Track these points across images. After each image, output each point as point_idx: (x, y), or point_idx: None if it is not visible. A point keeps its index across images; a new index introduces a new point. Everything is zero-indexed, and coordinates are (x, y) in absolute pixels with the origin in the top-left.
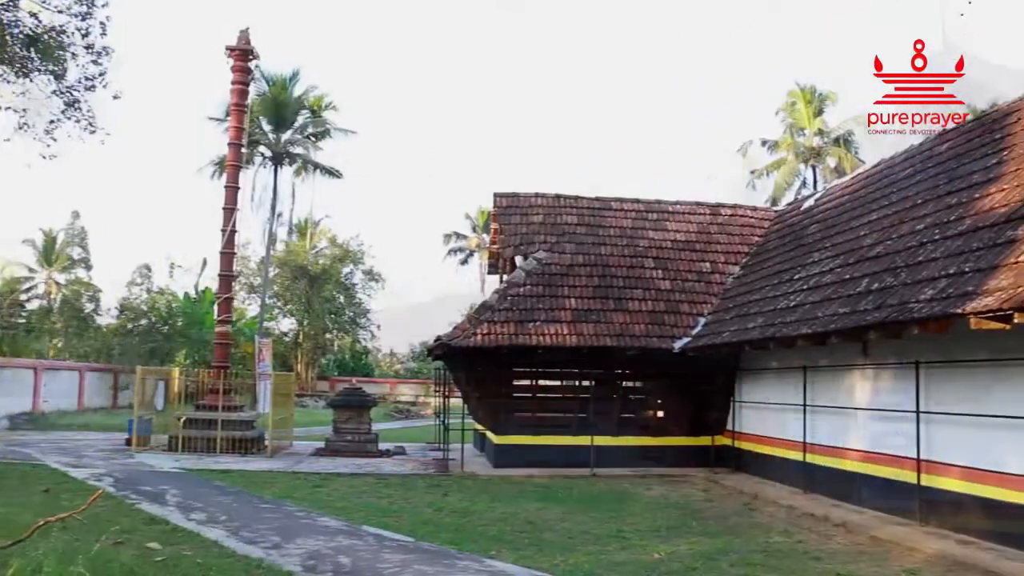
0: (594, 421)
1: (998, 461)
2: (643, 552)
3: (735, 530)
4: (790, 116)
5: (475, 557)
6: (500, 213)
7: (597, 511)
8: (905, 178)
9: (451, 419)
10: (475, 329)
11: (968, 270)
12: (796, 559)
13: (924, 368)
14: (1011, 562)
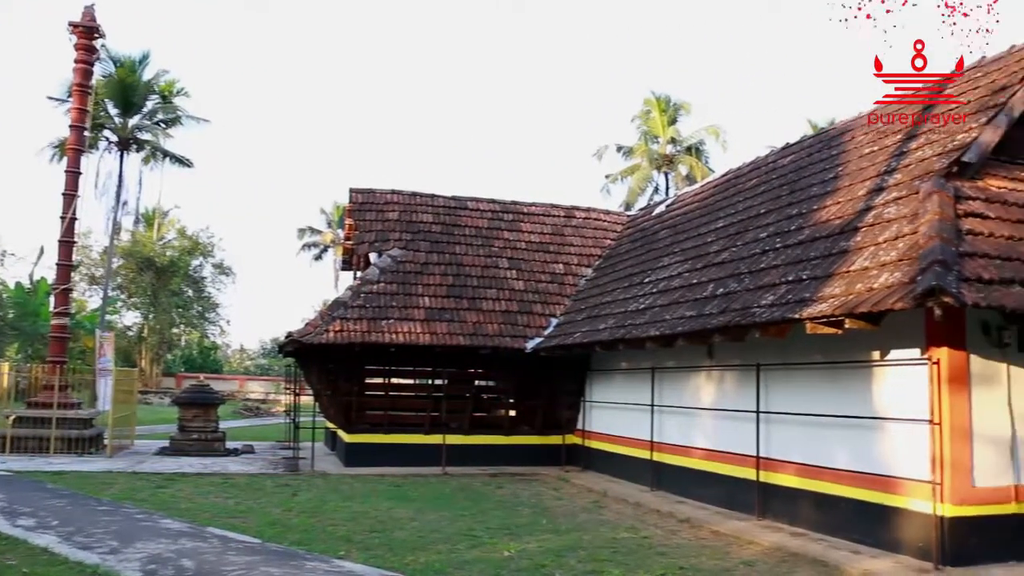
0: (447, 420)
1: (829, 458)
2: (493, 550)
3: (584, 527)
4: (645, 124)
5: (324, 558)
6: (355, 209)
7: (448, 510)
8: (751, 188)
9: (302, 417)
10: (327, 326)
11: (806, 277)
12: (642, 554)
13: (765, 370)
14: (838, 551)
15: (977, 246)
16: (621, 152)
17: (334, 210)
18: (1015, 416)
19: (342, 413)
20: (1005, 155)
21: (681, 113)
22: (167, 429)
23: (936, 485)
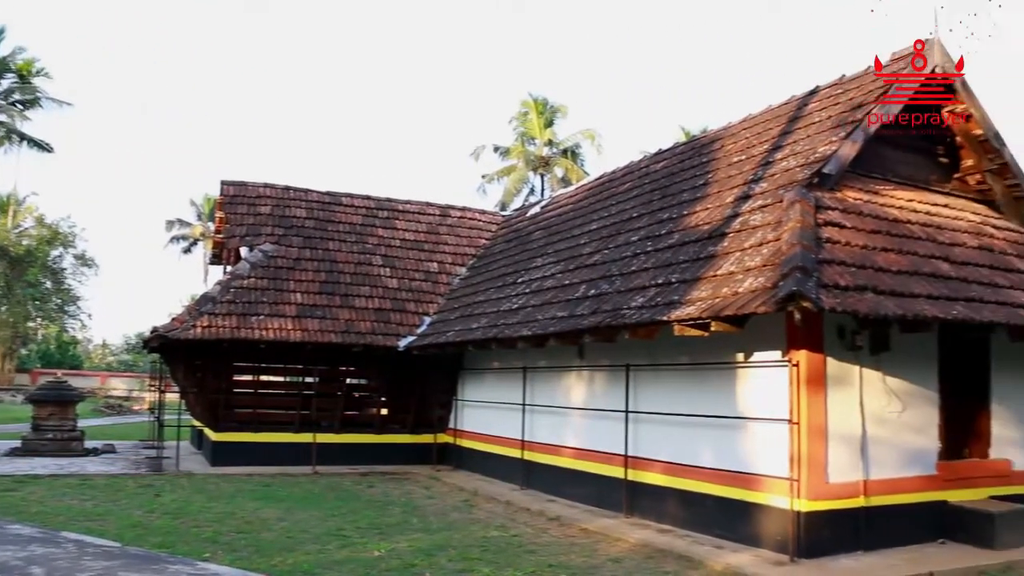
0: (317, 418)
1: (695, 456)
2: (363, 550)
3: (455, 526)
4: (523, 125)
5: (188, 561)
6: (226, 201)
7: (318, 509)
8: (624, 192)
9: (167, 415)
10: (195, 321)
11: (674, 281)
12: (512, 552)
13: (634, 371)
14: (702, 546)
15: (835, 254)
16: (498, 152)
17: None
18: (866, 415)
19: (209, 411)
20: (861, 168)
21: (558, 116)
22: (20, 428)
23: (794, 482)
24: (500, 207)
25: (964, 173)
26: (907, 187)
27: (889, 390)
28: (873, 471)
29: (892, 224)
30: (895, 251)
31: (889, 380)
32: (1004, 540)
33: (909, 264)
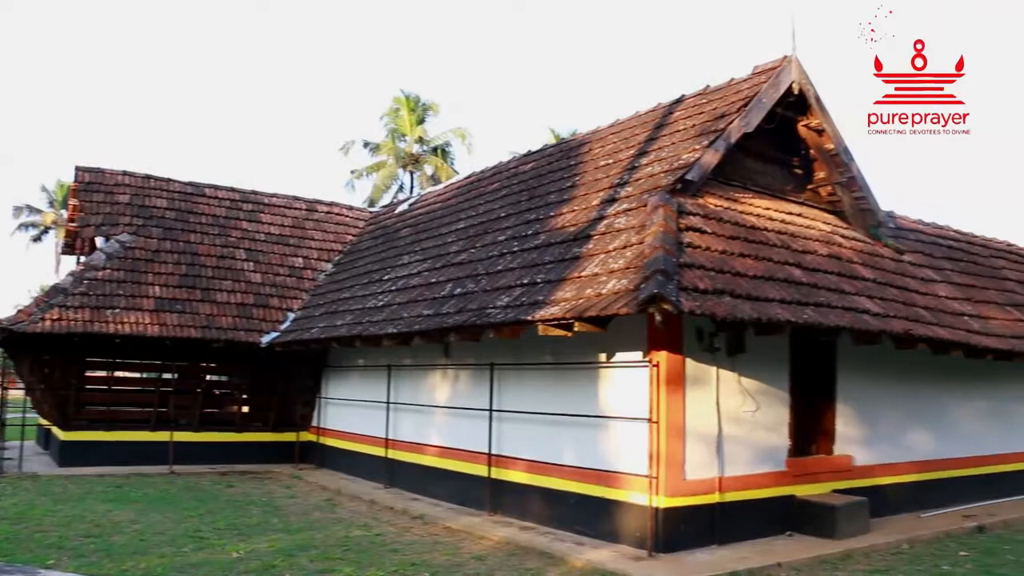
0: (175, 416)
1: (558, 455)
2: (221, 552)
3: (316, 525)
4: (394, 121)
5: (29, 569)
6: (81, 188)
7: (174, 510)
8: (492, 192)
9: (10, 413)
10: (43, 313)
11: (540, 281)
12: (374, 551)
13: (499, 369)
14: (563, 543)
15: (695, 258)
16: (368, 148)
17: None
18: (722, 415)
19: (58, 409)
20: (722, 176)
21: (430, 114)
22: None
23: (652, 479)
24: (369, 203)
25: (817, 184)
26: (765, 196)
27: (744, 390)
28: (728, 468)
29: (750, 231)
30: (752, 257)
31: (744, 380)
32: (844, 531)
33: (765, 270)
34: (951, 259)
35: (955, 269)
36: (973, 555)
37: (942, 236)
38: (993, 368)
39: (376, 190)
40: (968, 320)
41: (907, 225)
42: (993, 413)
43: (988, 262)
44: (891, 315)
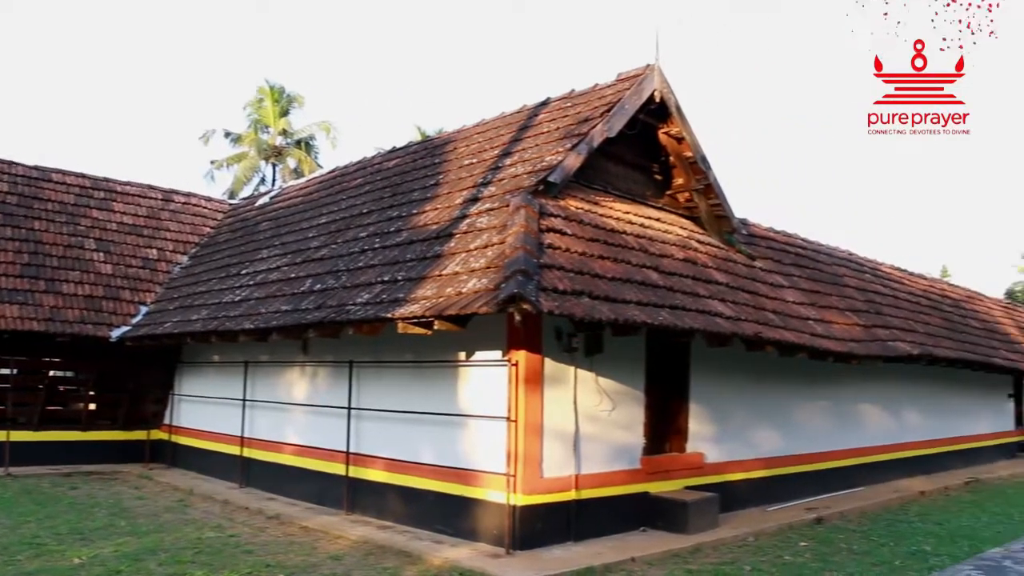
0: (13, 414)
1: (417, 453)
2: (61, 558)
3: (166, 528)
4: (257, 112)
5: None
6: None
7: (8, 516)
8: (356, 187)
9: None
10: None
11: (401, 279)
12: (228, 553)
13: (358, 367)
14: (421, 542)
15: (556, 259)
16: (229, 138)
17: None
18: (579, 413)
19: None
20: (584, 179)
21: (294, 105)
22: None
23: (510, 477)
24: (229, 195)
25: (675, 191)
26: (625, 200)
27: (601, 390)
28: (584, 466)
29: (609, 234)
30: (611, 259)
31: (601, 380)
32: (695, 525)
33: (623, 272)
34: (798, 266)
35: (802, 276)
36: (812, 545)
37: (791, 244)
38: (833, 369)
39: (237, 182)
40: (812, 324)
41: (759, 232)
42: (833, 412)
43: (831, 269)
44: (742, 318)
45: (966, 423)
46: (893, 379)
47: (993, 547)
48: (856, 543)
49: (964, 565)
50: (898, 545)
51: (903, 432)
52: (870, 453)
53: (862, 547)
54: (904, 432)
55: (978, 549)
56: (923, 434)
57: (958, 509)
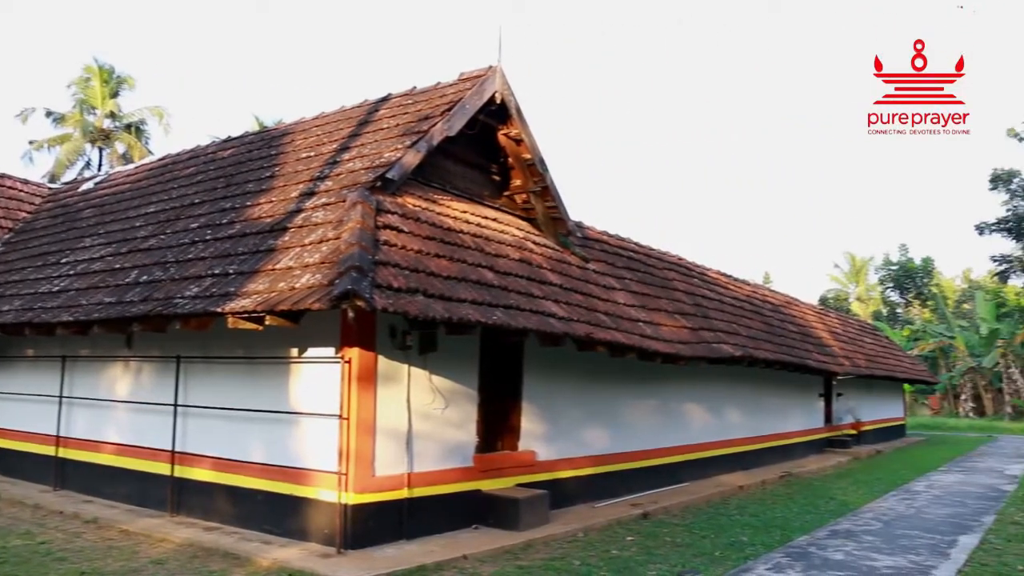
0: None
1: (246, 452)
2: None
3: None
4: (83, 91)
5: None
6: None
7: None
8: (187, 176)
9: None
10: None
11: (232, 272)
12: (37, 562)
13: (186, 363)
14: (250, 543)
15: (391, 256)
16: (51, 118)
17: None
18: (412, 412)
19: None
20: (423, 177)
21: (124, 87)
22: None
23: (342, 475)
24: (49, 178)
25: (513, 192)
26: (463, 199)
27: (434, 388)
28: (417, 464)
29: (446, 232)
30: (447, 258)
31: (435, 379)
32: (526, 522)
33: (458, 271)
34: (630, 269)
35: (633, 279)
36: (638, 539)
37: (624, 248)
38: (661, 370)
39: (59, 165)
40: (642, 326)
41: (593, 235)
42: (660, 411)
43: (662, 274)
44: (575, 319)
45: (782, 421)
46: (717, 380)
47: (801, 535)
48: (679, 536)
49: (775, 553)
50: (718, 537)
51: (725, 430)
52: (694, 450)
53: (685, 540)
54: (726, 430)
55: (788, 537)
56: (743, 432)
57: (773, 501)
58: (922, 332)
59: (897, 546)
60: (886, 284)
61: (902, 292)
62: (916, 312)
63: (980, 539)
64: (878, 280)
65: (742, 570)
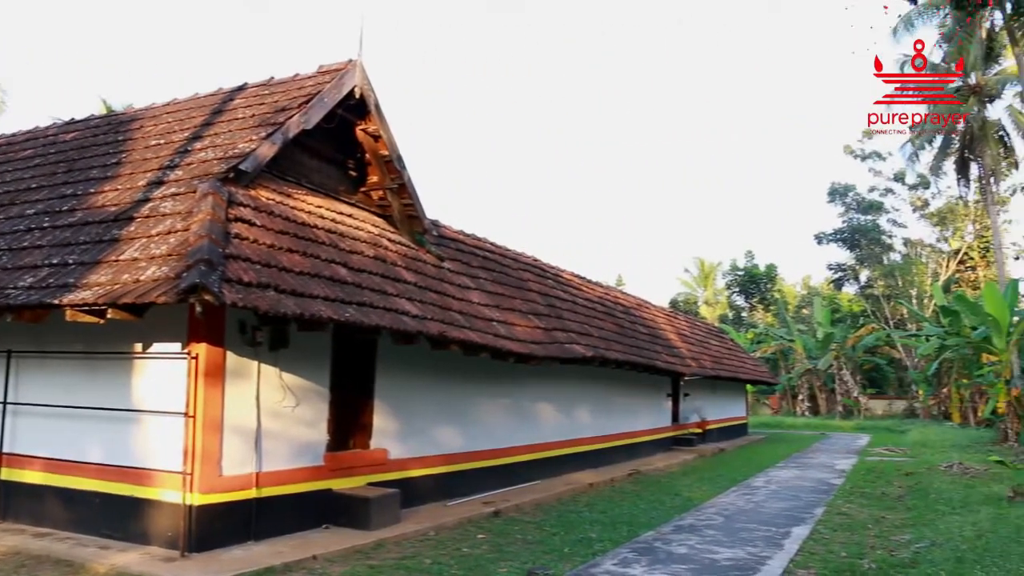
0: None
1: (83, 452)
2: None
3: None
4: None
5: None
6: None
7: None
8: (24, 159)
9: None
10: None
11: (72, 262)
12: None
13: (17, 357)
14: (86, 548)
15: (242, 250)
16: None
17: None
18: (262, 410)
19: None
20: (277, 170)
21: None
22: None
23: (187, 476)
24: None
25: (369, 188)
26: (319, 194)
27: (285, 385)
28: (266, 463)
29: (300, 227)
30: (300, 253)
31: (286, 376)
32: (378, 521)
33: (311, 267)
34: (486, 269)
35: (488, 278)
36: (489, 537)
37: (479, 247)
38: (514, 369)
39: None
40: (496, 326)
41: (449, 234)
42: (512, 410)
43: (517, 274)
44: (429, 317)
45: (631, 420)
46: (569, 380)
47: (647, 530)
48: (530, 533)
49: (622, 548)
50: (568, 533)
51: (576, 429)
52: (546, 449)
53: (535, 537)
54: (577, 429)
55: (635, 533)
56: (594, 431)
57: (621, 498)
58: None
59: (737, 539)
60: (733, 289)
61: (747, 297)
62: (760, 316)
63: (811, 530)
64: (725, 285)
65: (590, 566)
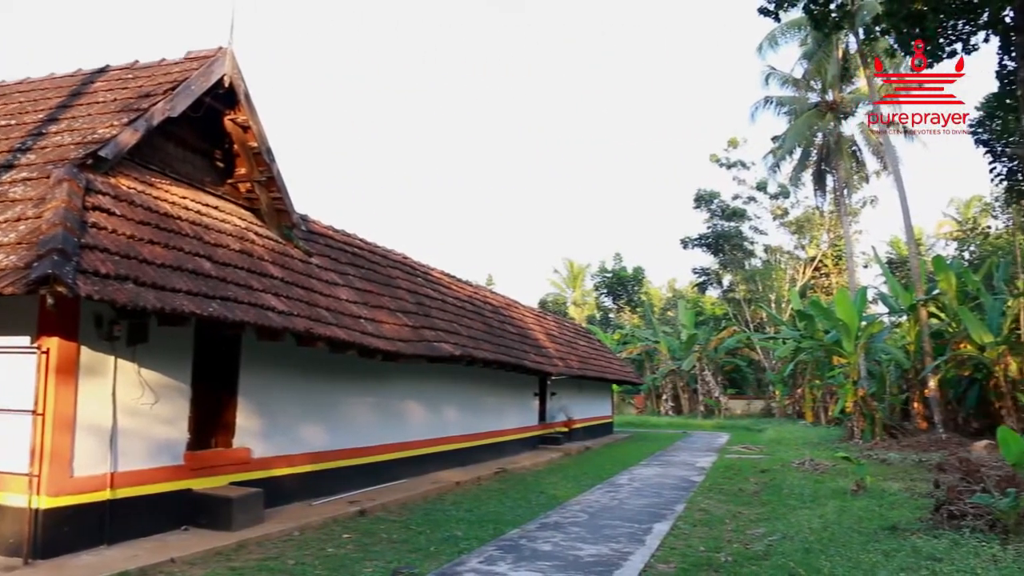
0: None
1: None
2: None
3: None
4: None
5: None
6: None
7: None
8: None
9: None
10: None
11: None
12: None
13: None
14: None
15: (100, 240)
16: None
17: None
18: (118, 407)
19: None
20: (140, 158)
21: None
22: None
23: (34, 477)
24: None
25: (237, 180)
26: (183, 184)
27: (144, 382)
28: (122, 463)
29: (163, 218)
30: (162, 245)
31: (144, 372)
32: (240, 522)
33: (174, 259)
34: (354, 265)
35: (357, 275)
36: (355, 537)
37: (349, 243)
38: (382, 368)
39: None
40: (364, 323)
41: (318, 230)
42: (379, 408)
43: (386, 271)
44: (295, 314)
45: (499, 419)
46: (436, 378)
47: (513, 528)
48: (396, 532)
49: (488, 546)
50: (434, 532)
51: (444, 428)
52: (413, 447)
53: (401, 536)
54: (444, 428)
55: (501, 531)
56: (461, 429)
57: (487, 497)
58: (631, 336)
59: (600, 535)
60: (601, 290)
61: (615, 298)
62: (627, 317)
63: (671, 526)
64: (594, 286)
65: (456, 564)
